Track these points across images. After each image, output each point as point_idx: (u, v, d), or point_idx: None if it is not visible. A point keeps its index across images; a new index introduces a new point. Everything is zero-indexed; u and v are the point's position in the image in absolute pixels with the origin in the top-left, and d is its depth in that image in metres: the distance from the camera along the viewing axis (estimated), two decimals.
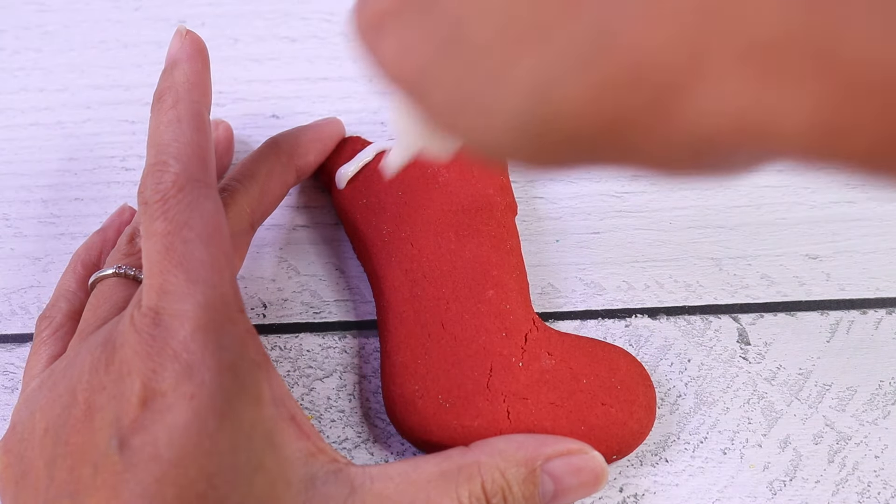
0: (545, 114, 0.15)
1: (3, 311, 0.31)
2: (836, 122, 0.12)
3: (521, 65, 0.15)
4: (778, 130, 0.12)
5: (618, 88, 0.14)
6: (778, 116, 0.12)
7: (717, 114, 0.13)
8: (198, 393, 0.21)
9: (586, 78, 0.14)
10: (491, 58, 0.15)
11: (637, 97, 0.13)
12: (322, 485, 0.23)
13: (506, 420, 0.26)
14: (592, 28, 0.13)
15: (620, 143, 0.15)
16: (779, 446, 0.29)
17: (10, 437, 0.23)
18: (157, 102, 0.24)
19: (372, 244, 0.29)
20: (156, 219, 0.22)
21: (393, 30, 0.17)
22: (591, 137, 0.15)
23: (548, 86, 0.14)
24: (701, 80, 0.13)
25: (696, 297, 0.31)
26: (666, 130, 0.14)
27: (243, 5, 0.36)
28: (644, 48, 0.13)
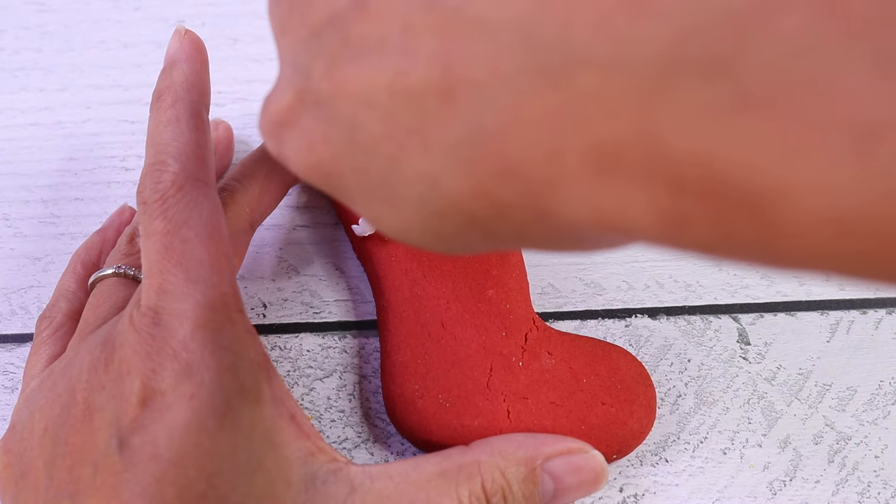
0: (438, 206, 0.16)
1: (3, 311, 0.31)
2: (673, 218, 0.13)
3: (409, 162, 0.16)
4: (629, 224, 0.13)
5: (494, 185, 0.15)
6: (626, 213, 0.13)
7: (576, 209, 0.14)
8: (197, 392, 0.21)
9: (466, 174, 0.15)
10: (383, 155, 0.16)
11: (511, 191, 0.15)
12: (322, 484, 0.23)
13: (506, 419, 0.26)
14: (467, 130, 0.15)
15: (513, 228, 0.16)
16: (779, 446, 0.29)
17: (9, 437, 0.23)
18: (156, 102, 0.24)
19: (372, 244, 0.29)
20: (155, 218, 0.22)
21: (296, 128, 0.19)
22: (485, 224, 0.16)
23: (435, 181, 0.16)
24: (559, 179, 0.14)
25: (696, 297, 0.31)
26: (541, 220, 0.15)
27: (243, 5, 0.36)
28: (509, 150, 0.14)
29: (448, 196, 0.16)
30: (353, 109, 0.16)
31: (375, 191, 0.17)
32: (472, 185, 0.15)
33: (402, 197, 0.17)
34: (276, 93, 0.20)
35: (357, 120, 0.16)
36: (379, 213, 0.18)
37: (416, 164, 0.16)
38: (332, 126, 0.17)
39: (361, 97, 0.16)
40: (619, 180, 0.13)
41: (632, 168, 0.13)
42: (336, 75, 0.17)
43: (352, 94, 0.16)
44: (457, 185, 0.15)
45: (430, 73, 0.15)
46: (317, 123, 0.18)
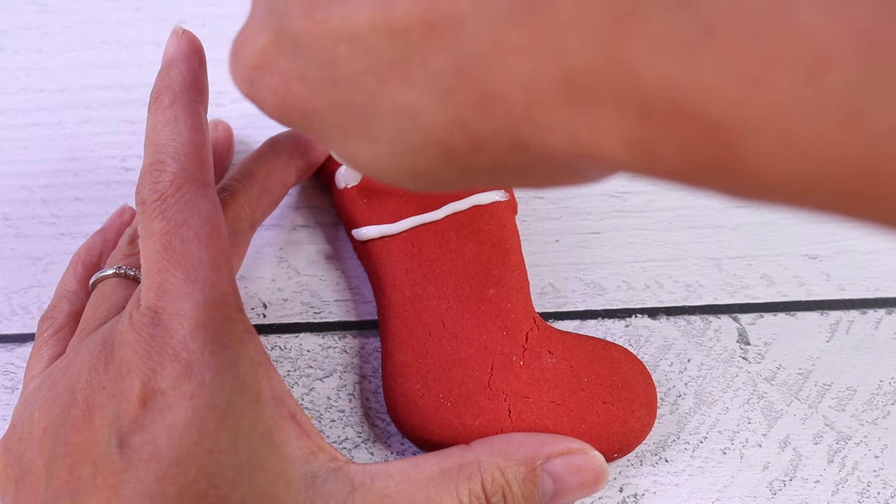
0: (416, 139, 0.17)
1: (4, 311, 0.31)
2: (643, 145, 0.13)
3: (390, 96, 0.16)
4: (603, 151, 0.14)
5: (473, 113, 0.15)
6: (599, 140, 0.14)
7: (551, 137, 0.14)
8: (198, 392, 0.21)
9: (446, 106, 0.16)
10: (363, 90, 0.17)
11: (489, 121, 0.15)
12: (322, 483, 0.23)
13: (507, 419, 0.26)
14: (448, 62, 0.15)
15: (490, 161, 0.16)
16: (779, 446, 0.29)
17: (9, 437, 0.23)
18: (154, 102, 0.24)
19: (372, 244, 0.29)
20: (154, 218, 0.22)
21: (270, 69, 0.19)
22: (462, 157, 0.16)
23: (415, 114, 0.16)
24: (535, 108, 0.14)
25: (696, 297, 0.31)
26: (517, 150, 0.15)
27: (243, 5, 0.36)
28: (488, 80, 0.15)
29: (427, 128, 0.16)
30: (333, 46, 0.17)
31: (353, 127, 0.18)
32: (451, 116, 0.16)
33: (380, 132, 0.17)
34: (248, 35, 0.20)
35: (337, 56, 0.17)
36: (356, 150, 0.18)
37: (397, 97, 0.16)
38: (310, 64, 0.18)
39: (342, 33, 0.16)
40: (593, 108, 0.13)
41: (604, 96, 0.13)
42: (315, 13, 0.17)
43: (332, 31, 0.16)
44: (436, 117, 0.16)
45: (413, 6, 0.15)
46: (293, 63, 0.18)
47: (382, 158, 0.18)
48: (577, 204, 0.32)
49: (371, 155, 0.18)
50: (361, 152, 0.18)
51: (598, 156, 0.14)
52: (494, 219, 0.29)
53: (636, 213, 0.32)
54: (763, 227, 0.32)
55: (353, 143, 0.18)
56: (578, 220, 0.32)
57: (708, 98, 0.12)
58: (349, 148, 0.19)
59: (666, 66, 0.12)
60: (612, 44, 0.13)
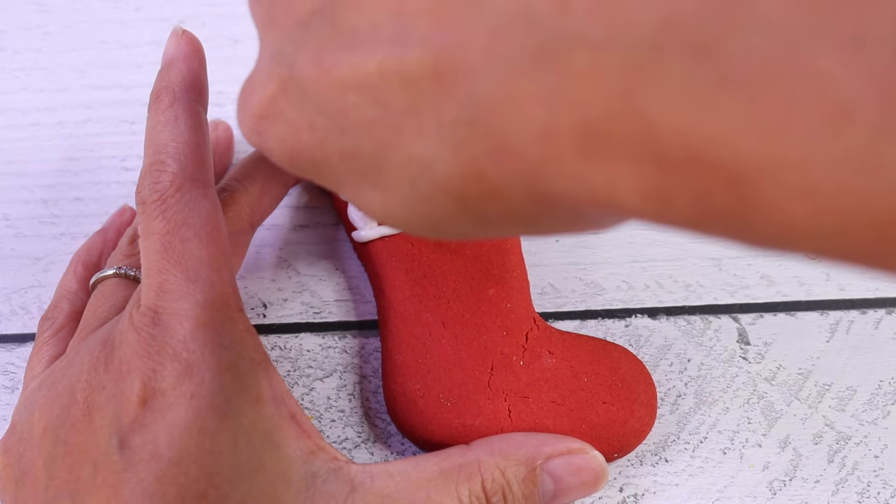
0: (429, 190, 0.16)
1: (4, 311, 0.31)
2: (659, 194, 0.13)
3: (401, 145, 0.16)
4: (620, 201, 0.14)
5: (488, 165, 0.15)
6: (615, 190, 0.14)
7: (567, 187, 0.14)
8: (198, 392, 0.21)
9: (459, 156, 0.15)
10: (373, 140, 0.16)
11: (504, 171, 0.15)
12: (322, 483, 0.23)
13: (507, 419, 0.26)
14: (461, 112, 0.15)
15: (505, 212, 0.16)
16: (779, 446, 0.29)
17: (9, 437, 0.23)
18: (154, 102, 0.24)
19: (372, 244, 0.29)
20: (154, 218, 0.22)
21: (278, 119, 0.19)
22: (477, 207, 0.16)
23: (427, 164, 0.16)
24: (551, 158, 0.14)
25: (696, 297, 0.31)
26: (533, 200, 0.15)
27: (243, 5, 0.36)
28: (503, 130, 0.14)
29: (440, 179, 0.16)
30: (342, 94, 0.16)
31: (364, 175, 0.17)
32: (465, 167, 0.15)
33: (392, 181, 0.17)
34: (255, 85, 0.20)
35: (346, 105, 0.16)
36: (368, 198, 0.18)
37: (407, 147, 0.16)
38: (318, 113, 0.17)
39: (351, 81, 0.16)
40: (609, 158, 0.13)
41: (621, 145, 0.13)
42: (324, 62, 0.17)
43: (341, 79, 0.16)
44: (449, 168, 0.16)
45: (424, 55, 0.15)
46: (301, 112, 0.18)
47: (395, 207, 0.17)
48: None
49: (383, 203, 0.18)
50: (374, 200, 0.18)
51: (615, 206, 0.14)
52: None
53: None
54: None
55: (365, 192, 0.18)
56: None
57: (726, 148, 0.12)
58: (361, 196, 0.18)
59: (683, 116, 0.12)
60: (629, 94, 0.13)
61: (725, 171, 0.12)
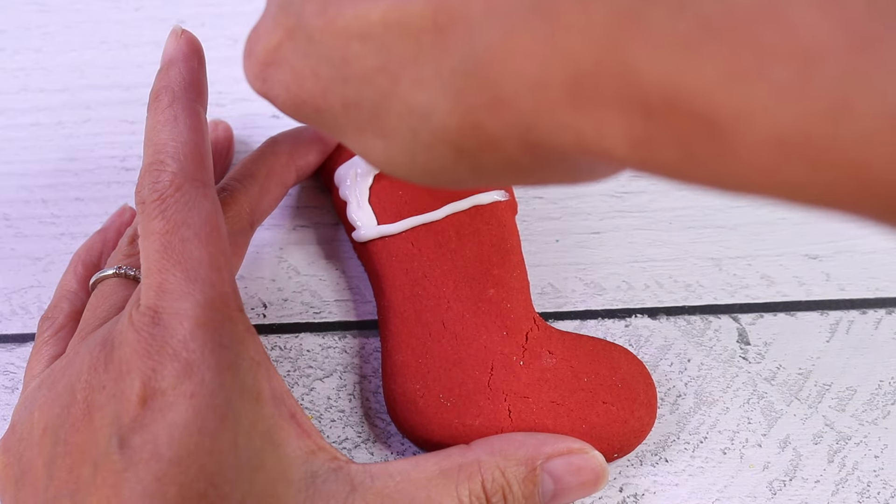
0: (429, 138, 0.17)
1: (4, 311, 0.31)
2: (645, 142, 0.14)
3: (402, 94, 0.17)
4: (609, 149, 0.14)
5: (484, 115, 0.15)
6: (604, 139, 0.14)
7: (559, 136, 0.15)
8: (198, 391, 0.21)
9: (457, 107, 0.16)
10: (375, 88, 0.17)
11: (500, 121, 0.15)
12: (322, 483, 0.23)
13: (507, 419, 0.26)
14: (459, 64, 0.15)
15: (502, 161, 0.16)
16: (779, 446, 0.29)
17: (9, 437, 0.23)
18: (154, 102, 0.24)
19: (372, 244, 0.29)
20: (153, 218, 0.22)
21: (283, 66, 0.19)
22: (473, 156, 0.17)
23: (426, 113, 0.16)
24: (544, 108, 0.15)
25: (696, 297, 0.31)
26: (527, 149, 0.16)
27: (243, 5, 0.36)
28: (499, 81, 0.15)
29: (439, 128, 0.16)
30: (346, 43, 0.17)
31: (366, 124, 0.18)
32: (463, 117, 0.16)
33: (392, 129, 0.17)
34: (261, 32, 0.20)
35: (350, 53, 0.17)
36: (368, 146, 0.19)
37: (408, 96, 0.16)
38: (323, 61, 0.18)
39: (355, 30, 0.17)
40: (597, 108, 0.14)
41: (608, 96, 0.14)
42: (329, 11, 0.17)
43: (345, 28, 0.17)
44: (448, 117, 0.16)
45: (426, 6, 0.15)
46: (306, 60, 0.18)
47: (395, 155, 0.18)
48: (577, 204, 0.32)
49: (384, 151, 0.18)
50: (375, 148, 0.18)
51: (604, 154, 0.14)
52: (494, 219, 0.29)
53: (636, 213, 0.32)
54: (763, 227, 0.32)
55: (366, 140, 0.18)
56: (578, 220, 0.32)
57: (703, 94, 0.12)
58: (363, 144, 0.19)
59: (666, 66, 0.13)
60: (616, 46, 0.13)
61: (703, 118, 0.12)
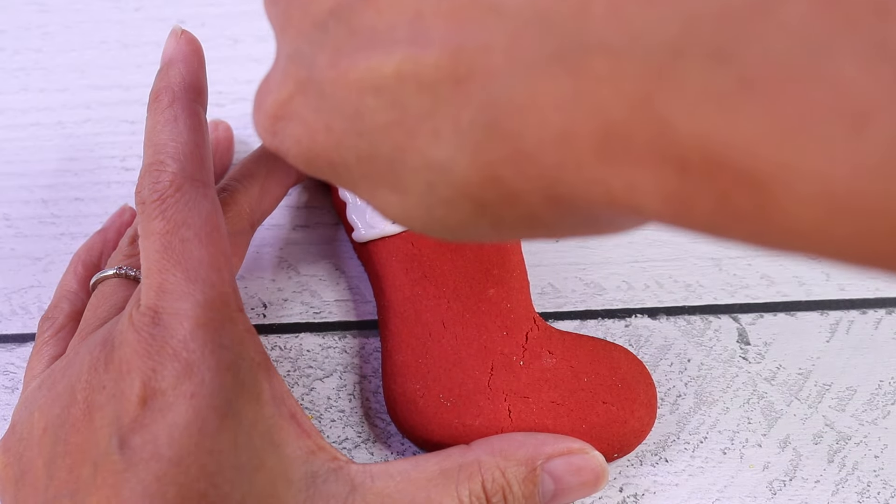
0: (447, 193, 0.16)
1: (4, 311, 0.31)
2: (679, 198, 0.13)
3: (418, 149, 0.16)
4: (640, 205, 0.14)
5: (505, 168, 0.15)
6: (635, 194, 0.14)
7: (586, 191, 0.14)
8: (198, 392, 0.21)
9: (477, 161, 0.15)
10: (390, 142, 0.16)
11: (522, 176, 0.15)
12: (323, 483, 0.23)
13: (507, 419, 0.26)
14: (479, 116, 0.15)
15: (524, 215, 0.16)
16: (779, 446, 0.29)
17: (9, 437, 0.23)
18: (154, 102, 0.24)
19: (372, 244, 0.29)
20: (153, 218, 0.22)
21: (294, 120, 0.18)
22: (494, 211, 0.16)
23: (444, 167, 0.16)
24: (570, 162, 0.14)
25: (696, 297, 0.31)
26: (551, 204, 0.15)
27: (243, 5, 0.36)
28: (522, 134, 0.14)
29: (457, 183, 0.16)
30: (359, 96, 0.16)
31: (381, 178, 0.17)
32: (483, 171, 0.15)
33: (409, 184, 0.17)
34: (272, 85, 0.19)
35: (363, 107, 0.16)
36: (384, 200, 0.18)
37: (424, 150, 0.16)
38: (335, 115, 0.17)
39: (369, 83, 0.16)
40: (629, 162, 0.13)
41: (640, 150, 0.13)
42: (342, 63, 0.16)
43: (358, 81, 0.16)
44: (466, 172, 0.15)
45: (442, 58, 0.15)
46: (317, 114, 0.18)
47: (412, 210, 0.17)
48: None
49: (400, 206, 0.18)
50: (391, 203, 0.18)
51: (635, 209, 0.14)
52: None
53: None
54: None
55: (382, 194, 0.18)
56: None
57: (746, 151, 0.12)
58: (378, 198, 0.18)
59: (704, 121, 0.12)
60: (649, 99, 0.13)
61: (744, 175, 0.12)
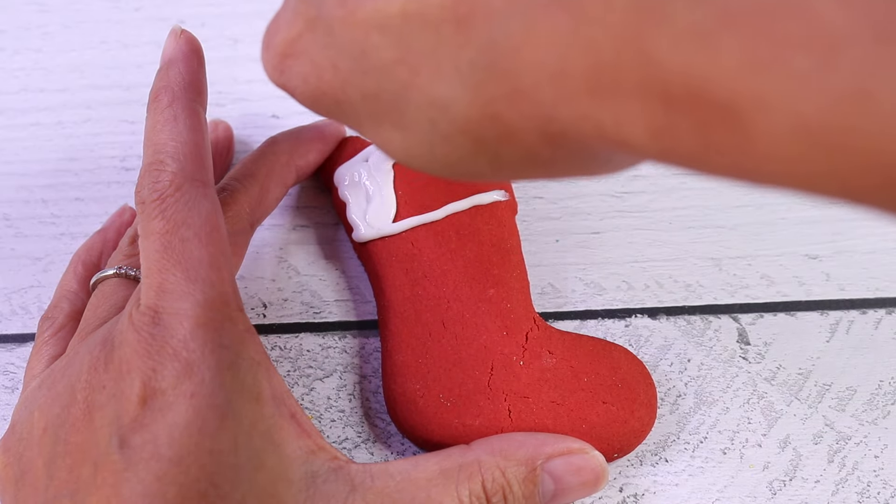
0: (448, 130, 0.17)
1: (4, 311, 0.31)
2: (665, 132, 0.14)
3: (421, 86, 0.17)
4: (629, 139, 0.14)
5: (503, 106, 0.16)
6: (624, 129, 0.14)
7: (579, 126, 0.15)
8: (198, 391, 0.21)
9: (476, 98, 0.16)
10: (394, 80, 0.17)
11: (519, 112, 0.15)
12: (323, 483, 0.23)
13: (507, 419, 0.26)
14: (479, 55, 0.15)
15: (521, 152, 0.16)
16: (779, 446, 0.29)
17: (9, 437, 0.23)
18: (153, 102, 0.24)
19: (372, 244, 0.29)
20: (153, 218, 0.22)
21: (302, 58, 0.19)
22: (492, 148, 0.17)
23: (445, 105, 0.16)
24: (564, 99, 0.15)
25: (696, 297, 0.31)
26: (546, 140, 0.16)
27: (243, 5, 0.36)
28: (519, 72, 0.15)
29: (458, 119, 0.16)
30: (366, 34, 0.17)
31: (385, 115, 0.18)
32: (482, 108, 0.16)
33: (411, 121, 0.17)
34: (281, 23, 0.20)
35: (369, 45, 0.17)
36: (387, 137, 0.19)
37: (427, 88, 0.16)
38: (342, 53, 0.18)
39: (375, 22, 0.17)
40: (618, 97, 0.14)
41: (629, 86, 0.14)
42: (350, 2, 0.17)
43: (365, 19, 0.17)
44: (467, 109, 0.16)
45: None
46: (325, 51, 0.18)
47: (414, 147, 0.18)
48: (577, 204, 0.32)
49: (403, 143, 0.18)
50: (393, 140, 0.18)
51: (624, 144, 0.14)
52: (494, 219, 0.29)
53: (636, 213, 0.32)
54: (763, 227, 0.32)
55: (385, 131, 0.18)
56: (578, 220, 0.32)
57: (723, 82, 0.12)
58: (381, 135, 0.19)
59: (687, 55, 0.13)
60: (637, 36, 0.13)
61: (723, 106, 0.13)
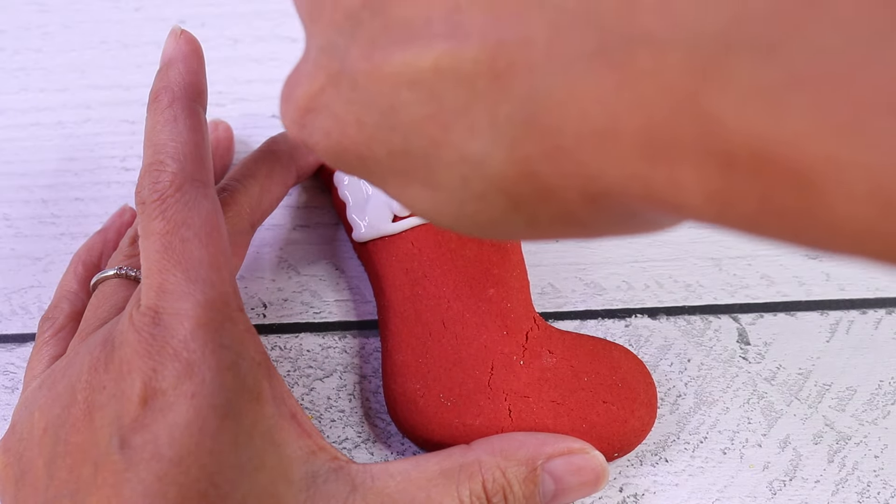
0: (480, 188, 0.16)
1: (4, 311, 0.31)
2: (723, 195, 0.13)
3: (454, 143, 0.16)
4: (682, 202, 0.13)
5: (543, 164, 0.15)
6: (677, 192, 0.13)
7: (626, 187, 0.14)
8: (198, 391, 0.21)
9: (513, 156, 0.15)
10: (424, 137, 0.16)
11: (560, 171, 0.15)
12: (323, 483, 0.23)
13: (507, 418, 0.26)
14: (517, 111, 0.14)
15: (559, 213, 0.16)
16: (779, 446, 0.29)
17: (9, 437, 0.23)
18: (153, 102, 0.24)
19: (372, 244, 0.29)
20: (154, 218, 0.22)
21: (323, 113, 0.18)
22: (529, 208, 0.16)
23: (479, 162, 0.15)
24: (611, 158, 0.14)
25: (696, 297, 0.31)
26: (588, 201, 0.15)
27: (243, 5, 0.36)
28: (559, 132, 0.14)
29: (492, 178, 0.15)
30: (394, 90, 0.16)
31: (412, 173, 0.17)
32: (519, 166, 0.15)
33: (442, 178, 0.16)
34: (301, 76, 0.19)
35: (397, 101, 0.16)
36: (414, 195, 0.18)
37: (460, 145, 0.16)
38: (367, 108, 0.17)
39: (405, 77, 0.16)
40: (672, 158, 0.13)
41: (684, 147, 0.13)
42: (376, 56, 0.16)
43: (393, 74, 0.16)
44: (503, 167, 0.15)
45: (481, 52, 0.14)
46: (349, 107, 0.17)
47: (443, 205, 0.17)
48: None
49: (432, 202, 0.17)
50: (422, 198, 0.17)
51: (676, 207, 0.14)
52: None
53: None
54: None
55: (412, 190, 0.17)
56: None
57: (794, 147, 0.12)
58: (408, 193, 0.18)
59: (752, 116, 0.12)
60: (695, 94, 0.12)
61: (792, 171, 0.12)
